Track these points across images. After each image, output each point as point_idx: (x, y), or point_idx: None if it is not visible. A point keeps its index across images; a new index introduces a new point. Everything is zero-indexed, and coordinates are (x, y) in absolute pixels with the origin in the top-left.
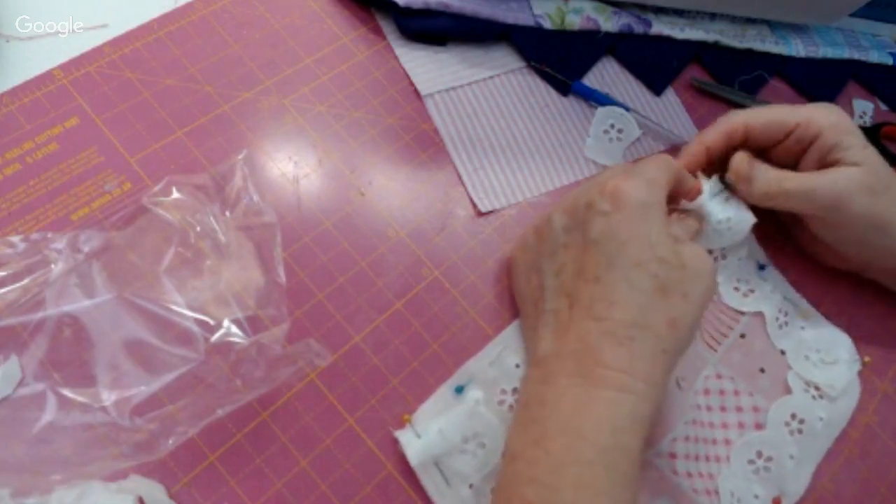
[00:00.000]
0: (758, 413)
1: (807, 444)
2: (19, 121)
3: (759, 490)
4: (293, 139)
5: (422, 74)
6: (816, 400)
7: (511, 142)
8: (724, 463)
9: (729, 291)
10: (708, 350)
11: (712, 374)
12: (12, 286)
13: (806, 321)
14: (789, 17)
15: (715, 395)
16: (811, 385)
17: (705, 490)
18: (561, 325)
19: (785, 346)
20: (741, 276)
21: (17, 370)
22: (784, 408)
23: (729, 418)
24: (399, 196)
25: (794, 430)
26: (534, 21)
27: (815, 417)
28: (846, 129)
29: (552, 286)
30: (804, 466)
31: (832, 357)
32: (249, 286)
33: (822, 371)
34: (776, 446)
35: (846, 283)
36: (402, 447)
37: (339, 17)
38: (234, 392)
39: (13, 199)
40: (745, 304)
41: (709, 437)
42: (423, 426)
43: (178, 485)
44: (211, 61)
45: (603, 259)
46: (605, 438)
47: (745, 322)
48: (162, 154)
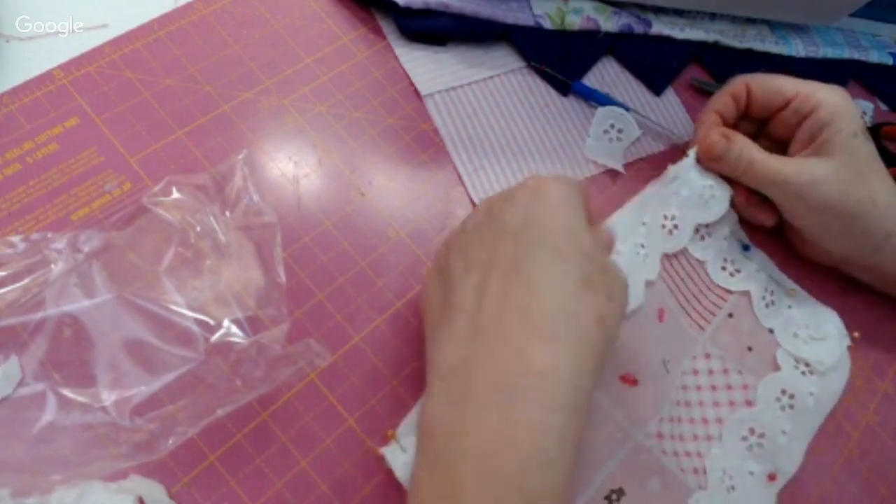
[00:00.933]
0: (747, 391)
1: (799, 420)
2: (19, 121)
3: (753, 467)
4: (293, 139)
5: (422, 74)
6: (806, 376)
7: (511, 142)
8: (715, 441)
9: (716, 270)
10: (696, 330)
11: (700, 354)
12: (12, 286)
13: (792, 300)
14: (789, 17)
15: (704, 375)
16: (800, 361)
17: (692, 469)
18: (471, 322)
19: (773, 324)
20: (728, 255)
21: (17, 370)
22: (774, 384)
23: (719, 397)
24: (399, 196)
25: (785, 405)
26: (534, 21)
27: (805, 393)
28: (843, 110)
29: (460, 281)
30: (797, 442)
31: (821, 333)
32: (249, 286)
33: (810, 347)
34: (768, 422)
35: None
36: (389, 463)
37: (339, 17)
38: (234, 392)
39: (13, 199)
40: (731, 283)
41: (697, 417)
42: (408, 440)
43: (178, 485)
44: (211, 61)
45: (522, 247)
46: (532, 481)
47: (732, 302)
48: (162, 154)
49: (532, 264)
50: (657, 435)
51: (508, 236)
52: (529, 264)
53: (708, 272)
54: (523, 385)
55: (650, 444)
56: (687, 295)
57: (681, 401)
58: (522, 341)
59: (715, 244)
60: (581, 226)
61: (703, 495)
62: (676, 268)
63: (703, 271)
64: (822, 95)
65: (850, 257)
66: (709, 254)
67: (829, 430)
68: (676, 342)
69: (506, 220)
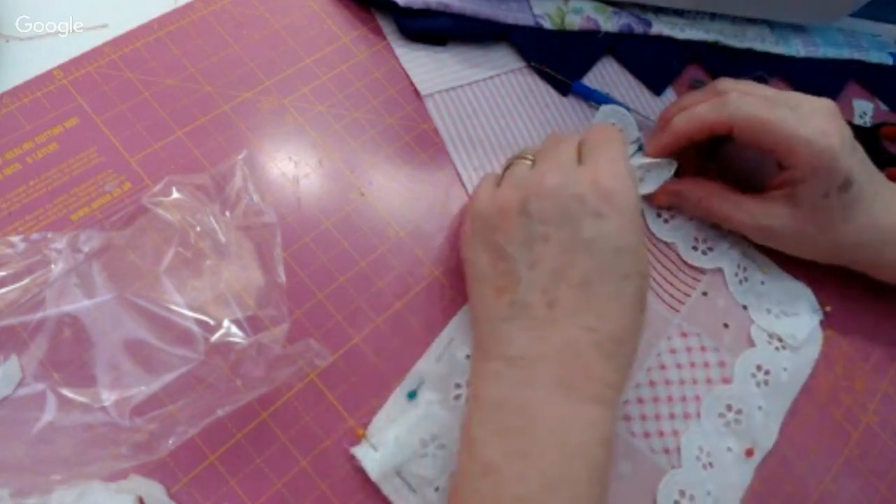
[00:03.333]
0: (724, 368)
1: (773, 396)
2: (19, 121)
3: (731, 443)
4: (293, 139)
5: (422, 74)
6: (780, 351)
7: (511, 142)
8: (692, 419)
9: (688, 250)
10: (671, 312)
11: (677, 333)
12: (12, 286)
13: (765, 276)
14: (789, 17)
15: (682, 353)
16: (774, 337)
17: (663, 449)
18: (539, 324)
19: (746, 300)
20: (698, 234)
21: (17, 370)
22: (749, 360)
23: (697, 374)
24: (399, 196)
25: (761, 381)
26: (534, 21)
27: (779, 368)
28: (824, 167)
29: (526, 277)
30: (773, 417)
31: (793, 309)
32: (249, 286)
33: (783, 322)
34: (744, 399)
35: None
36: (361, 462)
37: (339, 17)
38: (234, 392)
39: (13, 199)
40: (704, 261)
41: (676, 395)
42: (379, 437)
43: (178, 485)
44: (211, 61)
45: (594, 265)
46: (595, 456)
47: (706, 281)
48: (162, 154)
49: (601, 288)
50: (624, 417)
51: (580, 246)
52: (599, 288)
53: (679, 253)
54: (586, 387)
55: (618, 428)
56: (658, 279)
57: (656, 380)
58: (586, 356)
59: (682, 225)
60: (643, 241)
61: (676, 474)
62: (649, 250)
63: (673, 254)
64: (805, 160)
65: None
66: (677, 235)
67: (829, 429)
68: (649, 325)
69: (579, 228)
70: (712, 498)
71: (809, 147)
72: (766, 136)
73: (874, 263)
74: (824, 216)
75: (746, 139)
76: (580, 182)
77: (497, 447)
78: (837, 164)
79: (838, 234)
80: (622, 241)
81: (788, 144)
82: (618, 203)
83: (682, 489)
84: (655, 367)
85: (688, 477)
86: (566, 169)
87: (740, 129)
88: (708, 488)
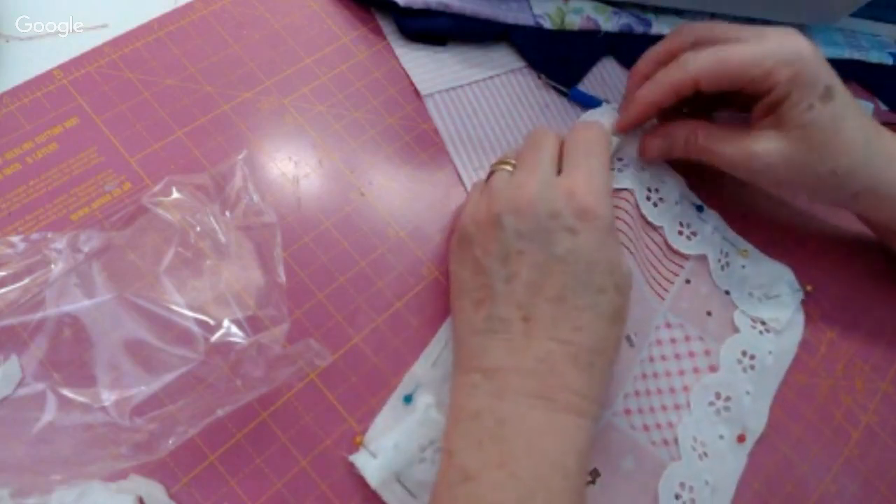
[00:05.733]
0: (710, 356)
1: (760, 380)
2: (19, 121)
3: (723, 430)
4: (293, 139)
5: (422, 74)
6: (764, 335)
7: (511, 142)
8: (684, 410)
9: (674, 235)
10: (656, 299)
11: (661, 324)
12: (12, 286)
13: (746, 259)
14: (789, 17)
15: (667, 345)
16: (757, 321)
17: (663, 441)
18: (515, 337)
19: (729, 286)
20: (683, 219)
21: (17, 370)
22: (734, 347)
23: (684, 365)
24: (399, 196)
25: (747, 366)
26: (534, 21)
27: (764, 352)
28: (800, 82)
29: (502, 292)
30: (760, 401)
31: (775, 291)
32: (249, 286)
33: (766, 306)
34: (732, 385)
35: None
36: (360, 471)
37: (339, 17)
38: (234, 392)
39: (13, 199)
40: (689, 246)
41: (665, 387)
42: (377, 444)
43: (178, 485)
44: (211, 61)
45: (569, 280)
46: (572, 465)
47: (689, 268)
48: (162, 154)
49: (577, 301)
50: (624, 412)
51: (555, 262)
52: (575, 301)
53: (666, 237)
54: (563, 399)
55: (618, 422)
56: (647, 264)
57: (648, 373)
58: (562, 368)
59: (669, 209)
60: (619, 254)
61: (676, 467)
62: (641, 236)
63: (660, 238)
64: (778, 75)
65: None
66: (664, 218)
67: (829, 429)
68: (641, 313)
69: (553, 244)
70: (710, 488)
71: (777, 57)
72: (731, 70)
73: (876, 188)
74: (814, 132)
75: (715, 86)
76: (556, 197)
77: (475, 456)
78: (811, 67)
79: (832, 154)
80: (597, 256)
81: (755, 65)
82: (593, 219)
83: (682, 482)
84: (646, 359)
85: (687, 469)
86: (542, 180)
87: (706, 80)
88: (706, 478)
